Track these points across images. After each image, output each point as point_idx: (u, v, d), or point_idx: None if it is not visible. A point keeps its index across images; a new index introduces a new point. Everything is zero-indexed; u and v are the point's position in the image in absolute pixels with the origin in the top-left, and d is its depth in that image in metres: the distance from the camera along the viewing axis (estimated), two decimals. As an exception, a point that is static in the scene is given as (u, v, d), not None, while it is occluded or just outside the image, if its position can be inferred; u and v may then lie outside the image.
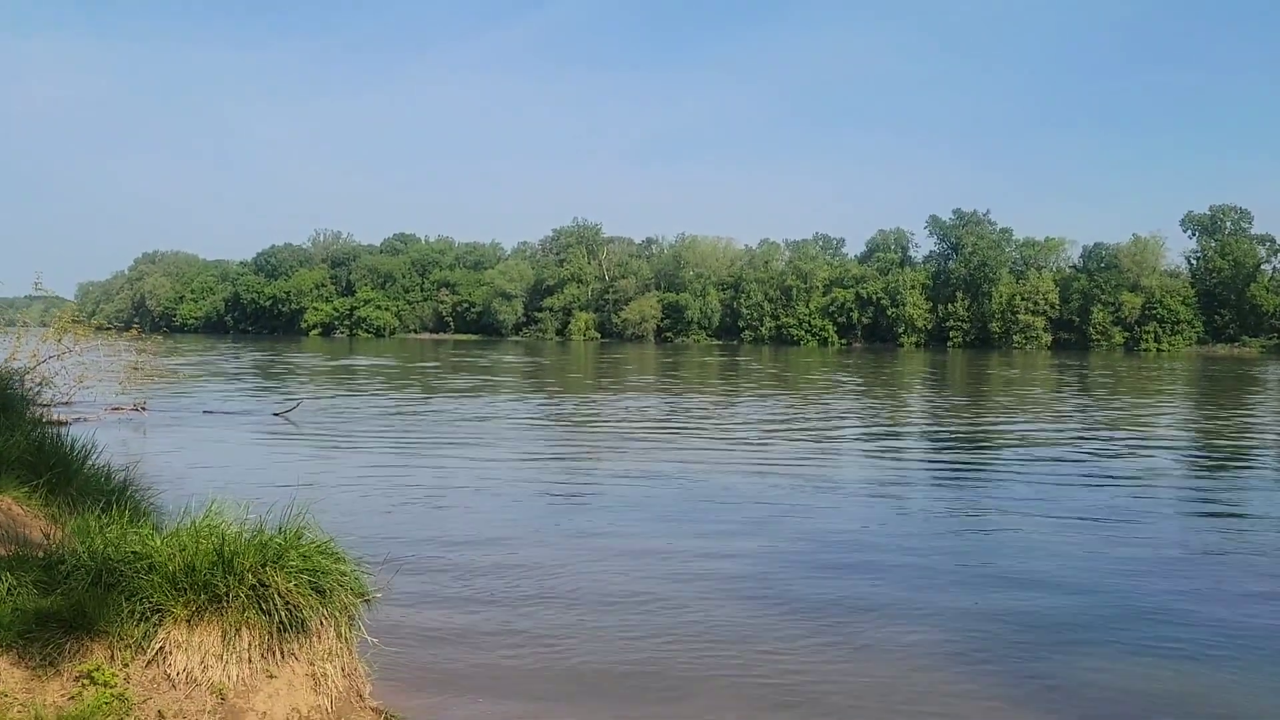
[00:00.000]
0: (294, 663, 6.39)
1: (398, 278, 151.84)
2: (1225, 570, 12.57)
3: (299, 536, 6.82)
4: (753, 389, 45.78)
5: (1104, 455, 23.99)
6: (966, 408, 37.47)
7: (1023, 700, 8.17)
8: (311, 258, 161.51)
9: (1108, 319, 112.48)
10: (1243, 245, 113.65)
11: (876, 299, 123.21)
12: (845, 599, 10.86)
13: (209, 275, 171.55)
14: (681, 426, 29.23)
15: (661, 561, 12.50)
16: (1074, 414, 35.13)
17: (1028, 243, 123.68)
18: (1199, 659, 9.13)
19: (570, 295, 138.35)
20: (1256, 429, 30.87)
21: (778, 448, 24.55)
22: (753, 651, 9.17)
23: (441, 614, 10.14)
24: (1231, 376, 60.86)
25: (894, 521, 15.56)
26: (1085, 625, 10.05)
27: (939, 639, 9.62)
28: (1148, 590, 11.42)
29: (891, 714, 7.82)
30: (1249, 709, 8.02)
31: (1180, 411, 37.02)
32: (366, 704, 6.90)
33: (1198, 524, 15.83)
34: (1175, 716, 7.83)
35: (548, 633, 9.49)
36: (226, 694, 6.01)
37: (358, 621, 7.05)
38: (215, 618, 6.16)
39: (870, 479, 20.05)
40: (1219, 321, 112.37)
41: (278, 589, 6.25)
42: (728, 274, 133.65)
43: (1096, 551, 13.37)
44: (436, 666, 8.59)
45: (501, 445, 23.91)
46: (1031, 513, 16.08)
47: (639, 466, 20.71)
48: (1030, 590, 11.33)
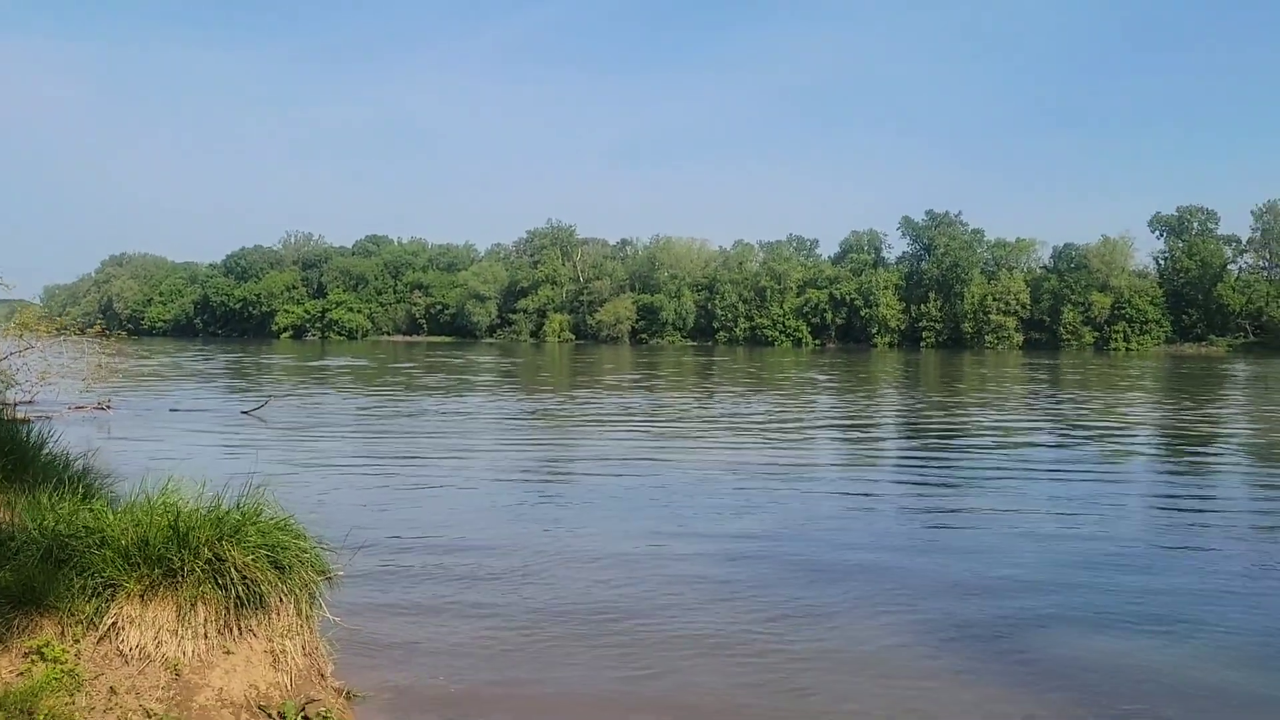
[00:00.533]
0: (252, 639, 6.25)
1: (370, 280, 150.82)
2: (1191, 556, 12.62)
3: (258, 513, 6.68)
4: (728, 388, 45.77)
5: (1074, 449, 24.14)
6: (940, 405, 37.63)
7: (995, 673, 8.14)
8: (282, 260, 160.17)
9: (1078, 319, 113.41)
10: (1209, 246, 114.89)
11: (850, 300, 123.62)
12: (818, 582, 10.82)
13: (177, 278, 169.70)
14: (656, 423, 29.14)
15: (634, 549, 12.40)
16: (1045, 410, 35.35)
17: (999, 243, 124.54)
18: (1166, 637, 9.14)
19: (544, 297, 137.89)
20: (1223, 423, 31.17)
21: (752, 442, 24.53)
22: (727, 631, 9.09)
23: (407, 598, 10.00)
24: (1199, 374, 61.49)
25: (868, 511, 15.57)
26: (1056, 606, 10.05)
27: (910, 618, 9.59)
28: (1117, 574, 11.44)
29: (865, 687, 7.76)
30: (1210, 681, 8.03)
31: (1149, 408, 37.33)
32: (328, 683, 6.76)
33: (1165, 513, 15.92)
34: (1142, 687, 7.82)
35: (516, 617, 9.37)
36: (181, 670, 5.86)
37: (319, 599, 6.91)
38: (170, 593, 6.01)
39: (845, 472, 20.06)
40: (1187, 321, 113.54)
41: (235, 564, 6.11)
42: (702, 275, 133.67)
43: (1067, 539, 13.42)
44: (401, 648, 8.44)
45: (475, 441, 23.74)
46: (1004, 503, 16.13)
47: (614, 460, 20.61)
48: (1002, 574, 11.33)
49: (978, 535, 13.52)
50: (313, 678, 6.59)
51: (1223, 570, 11.60)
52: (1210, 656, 8.61)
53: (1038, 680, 7.98)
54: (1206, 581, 11.10)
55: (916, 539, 13.39)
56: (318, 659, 6.79)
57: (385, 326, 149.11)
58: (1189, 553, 12.62)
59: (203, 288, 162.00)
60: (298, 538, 6.70)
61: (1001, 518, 14.71)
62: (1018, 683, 7.94)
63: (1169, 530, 14.14)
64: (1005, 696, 7.63)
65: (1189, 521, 14.87)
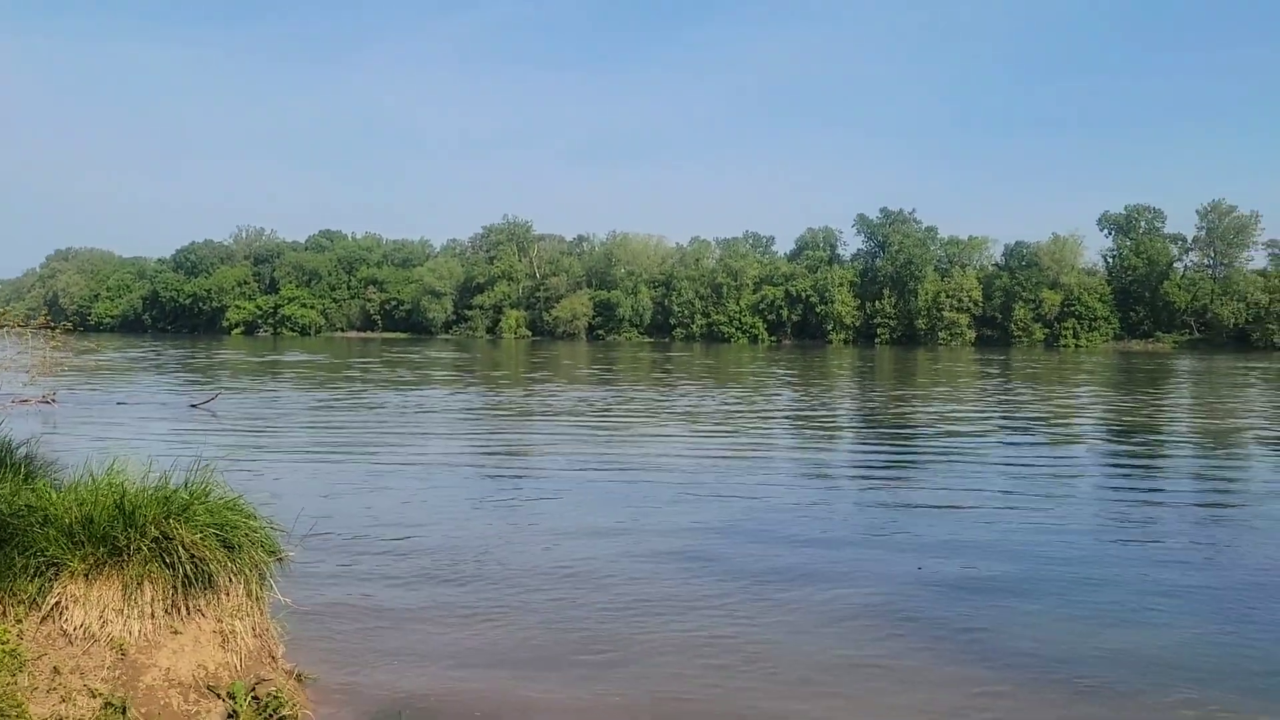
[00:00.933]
0: (200, 619, 6.15)
1: (324, 275, 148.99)
2: (1141, 540, 12.85)
3: (206, 493, 6.58)
4: (686, 383, 45.86)
5: (1026, 440, 24.48)
6: (895, 399, 37.99)
7: (954, 652, 8.23)
8: (233, 255, 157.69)
9: (1029, 315, 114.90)
10: (1156, 244, 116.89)
11: (806, 296, 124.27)
12: (778, 568, 10.87)
13: (125, 273, 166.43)
14: (615, 415, 29.11)
15: (592, 539, 12.39)
16: (998, 404, 35.81)
17: (952, 241, 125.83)
18: (1119, 616, 9.30)
19: (501, 293, 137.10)
20: (1169, 416, 31.78)
21: (710, 435, 24.59)
22: (687, 615, 9.11)
23: (362, 586, 9.90)
24: (1145, 370, 62.64)
25: (826, 500, 15.68)
26: (1012, 588, 10.19)
27: (868, 602, 9.67)
28: (1069, 557, 11.64)
29: (826, 669, 7.81)
30: (1164, 656, 8.18)
31: (1098, 401, 37.96)
32: (279, 664, 6.67)
33: (1116, 500, 16.20)
34: (1098, 663, 7.95)
35: (472, 606, 9.32)
36: (127, 650, 5.76)
37: (270, 580, 6.82)
38: (115, 571, 5.90)
39: (804, 462, 20.20)
40: (1134, 318, 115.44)
41: (182, 542, 6.01)
42: (659, 272, 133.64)
43: (1021, 525, 13.60)
44: (355, 634, 8.36)
45: (432, 435, 23.58)
46: (958, 493, 16.32)
47: (572, 453, 20.57)
48: (958, 559, 11.46)
49: (932, 523, 13.67)
50: (263, 659, 6.51)
51: (1171, 553, 11.84)
52: (1161, 633, 8.78)
53: (997, 657, 8.09)
54: (1156, 564, 11.32)
55: (873, 527, 13.51)
56: (268, 640, 6.71)
57: (339, 323, 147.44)
58: (1139, 537, 12.85)
59: (151, 283, 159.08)
60: (247, 517, 6.60)
61: (956, 506, 14.89)
62: (978, 660, 8.03)
63: (1119, 516, 14.37)
64: (965, 675, 7.72)
65: (1139, 508, 15.15)
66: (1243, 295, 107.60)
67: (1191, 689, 7.44)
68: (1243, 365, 67.10)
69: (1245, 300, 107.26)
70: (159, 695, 5.67)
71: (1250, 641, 8.56)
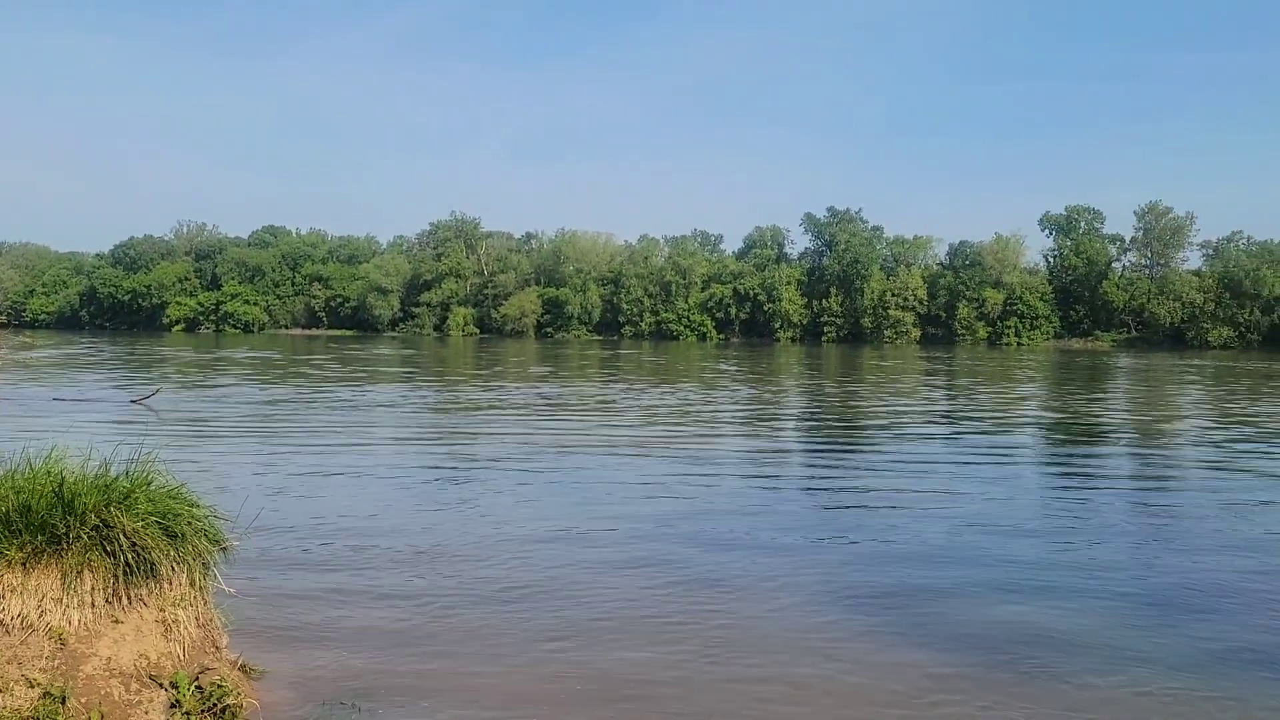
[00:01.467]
0: (142, 609, 6.05)
1: (267, 271, 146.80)
2: (1081, 528, 13.13)
3: (148, 481, 6.47)
4: (635, 379, 45.91)
5: (970, 433, 24.87)
6: (841, 395, 38.38)
7: (902, 637, 8.35)
8: (174, 250, 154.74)
9: (972, 314, 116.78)
10: (1095, 244, 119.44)
11: (753, 295, 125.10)
12: (729, 560, 10.92)
13: (61, 268, 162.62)
14: (564, 411, 29.07)
15: (540, 524, 12.37)
16: (943, 399, 36.34)
17: (898, 240, 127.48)
18: (1061, 602, 9.50)
19: (448, 290, 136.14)
20: (1107, 410, 32.48)
21: (660, 429, 24.65)
22: (638, 607, 9.12)
23: (309, 578, 9.80)
24: (1085, 366, 63.94)
25: (774, 492, 15.82)
26: (957, 576, 10.35)
27: (817, 591, 9.77)
28: (1013, 546, 11.86)
29: (775, 655, 7.88)
30: (1102, 639, 8.37)
31: (1040, 396, 38.67)
32: (224, 655, 6.58)
33: (1056, 490, 16.54)
34: (1041, 647, 8.12)
35: (422, 598, 9.25)
36: (67, 639, 5.65)
37: (213, 570, 6.73)
38: (54, 560, 5.78)
39: (752, 456, 20.33)
40: (1074, 316, 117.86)
41: (123, 530, 5.90)
42: (608, 269, 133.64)
43: (965, 515, 13.82)
44: (301, 626, 8.27)
45: (380, 430, 23.37)
46: (904, 484, 16.54)
47: (523, 447, 20.51)
48: (905, 548, 11.63)
49: (880, 513, 13.85)
50: (207, 648, 6.42)
51: (1110, 541, 12.12)
52: (1101, 617, 8.99)
53: (944, 642, 8.22)
54: (1095, 551, 11.58)
55: (821, 518, 13.65)
56: (212, 631, 6.61)
57: (283, 320, 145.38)
58: (1079, 525, 13.13)
59: (89, 279, 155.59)
60: (190, 506, 6.51)
61: (902, 496, 15.08)
62: (925, 645, 8.15)
63: (1060, 506, 14.67)
64: (914, 659, 7.83)
65: (1078, 497, 15.47)
66: (1178, 295, 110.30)
67: (1131, 668, 7.63)
68: (1179, 363, 68.78)
69: (1181, 300, 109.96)
70: (99, 685, 5.57)
71: (1181, 624, 8.80)
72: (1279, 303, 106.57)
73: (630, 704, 6.86)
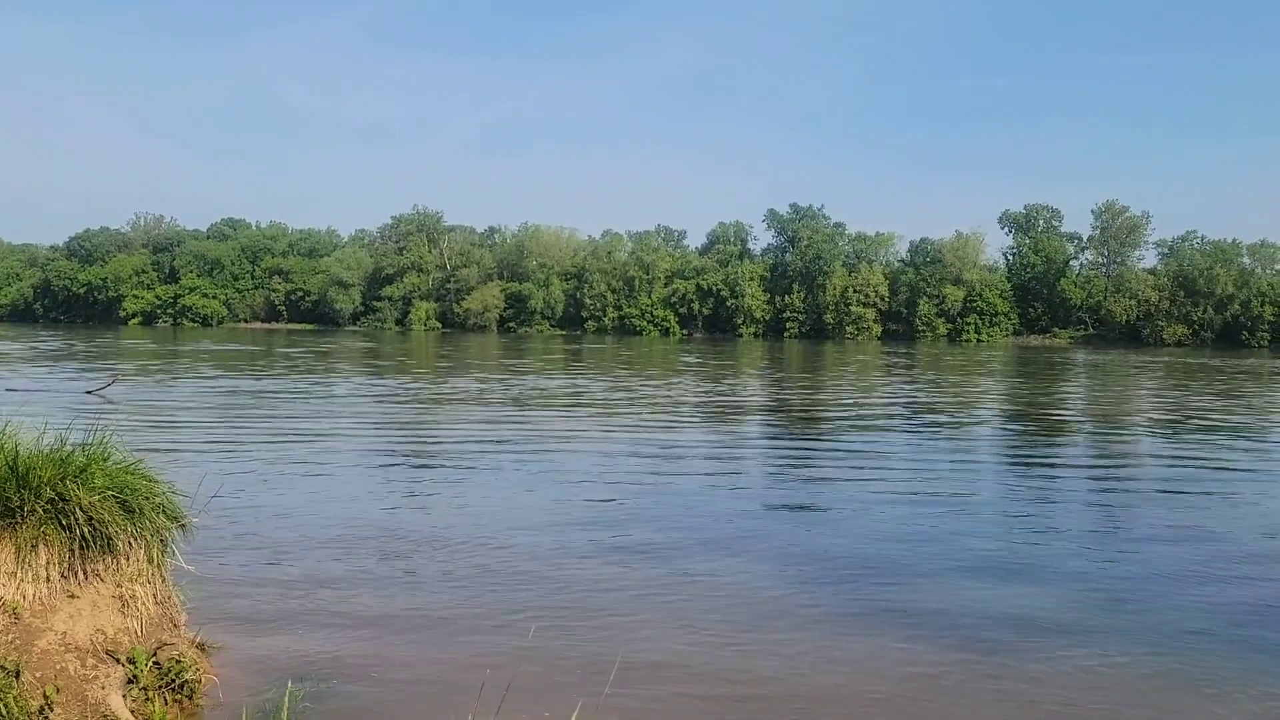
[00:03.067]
0: (99, 584, 5.99)
1: (226, 265, 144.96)
2: (1039, 515, 13.35)
3: (105, 456, 6.40)
4: (599, 373, 45.89)
5: (931, 426, 25.14)
6: (804, 388, 38.63)
7: (872, 617, 8.46)
8: (131, 243, 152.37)
9: (932, 311, 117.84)
10: (1054, 242, 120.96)
11: (717, 290, 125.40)
12: (699, 546, 10.95)
13: (14, 260, 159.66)
14: (528, 404, 29.03)
15: (498, 509, 12.38)
16: (904, 393, 36.68)
17: (859, 237, 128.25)
18: (1022, 584, 9.66)
19: (410, 284, 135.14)
20: (1064, 403, 32.97)
21: (625, 422, 24.69)
22: (588, 581, 9.15)
23: (266, 555, 9.75)
24: (1043, 362, 64.81)
25: (741, 484, 15.91)
26: (923, 561, 10.48)
27: (788, 575, 9.86)
28: (976, 534, 12.02)
29: (754, 637, 7.95)
30: (1057, 618, 8.53)
31: (999, 390, 39.16)
32: (182, 632, 6.53)
33: (1016, 479, 16.78)
34: (1002, 625, 8.26)
35: (385, 587, 9.21)
36: (21, 613, 5.58)
37: (172, 548, 6.67)
38: (8, 534, 5.71)
39: (716, 448, 20.42)
40: (1033, 314, 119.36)
41: (79, 504, 5.83)
42: (571, 264, 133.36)
43: (930, 504, 13.99)
44: (258, 602, 8.23)
45: (341, 423, 23.23)
46: (867, 474, 16.70)
47: (489, 441, 20.47)
48: (871, 534, 11.77)
49: (845, 501, 13.99)
50: (165, 626, 6.36)
51: (1066, 527, 12.33)
52: (1059, 598, 9.17)
53: (912, 622, 8.33)
54: (1053, 537, 11.78)
55: (787, 507, 13.76)
56: (170, 608, 6.56)
57: (242, 313, 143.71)
58: (1037, 513, 13.36)
59: (43, 271, 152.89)
60: (148, 481, 6.45)
61: (866, 486, 15.24)
62: (893, 624, 8.26)
63: (1019, 494, 14.90)
64: (885, 643, 7.93)
65: (1037, 486, 15.72)
66: (1134, 293, 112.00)
67: (1090, 645, 7.78)
68: (1134, 360, 69.91)
69: (1136, 298, 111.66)
70: (55, 659, 5.51)
71: (1141, 601, 8.99)
72: (1231, 301, 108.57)
73: (591, 678, 6.88)
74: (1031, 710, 6.59)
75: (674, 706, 6.58)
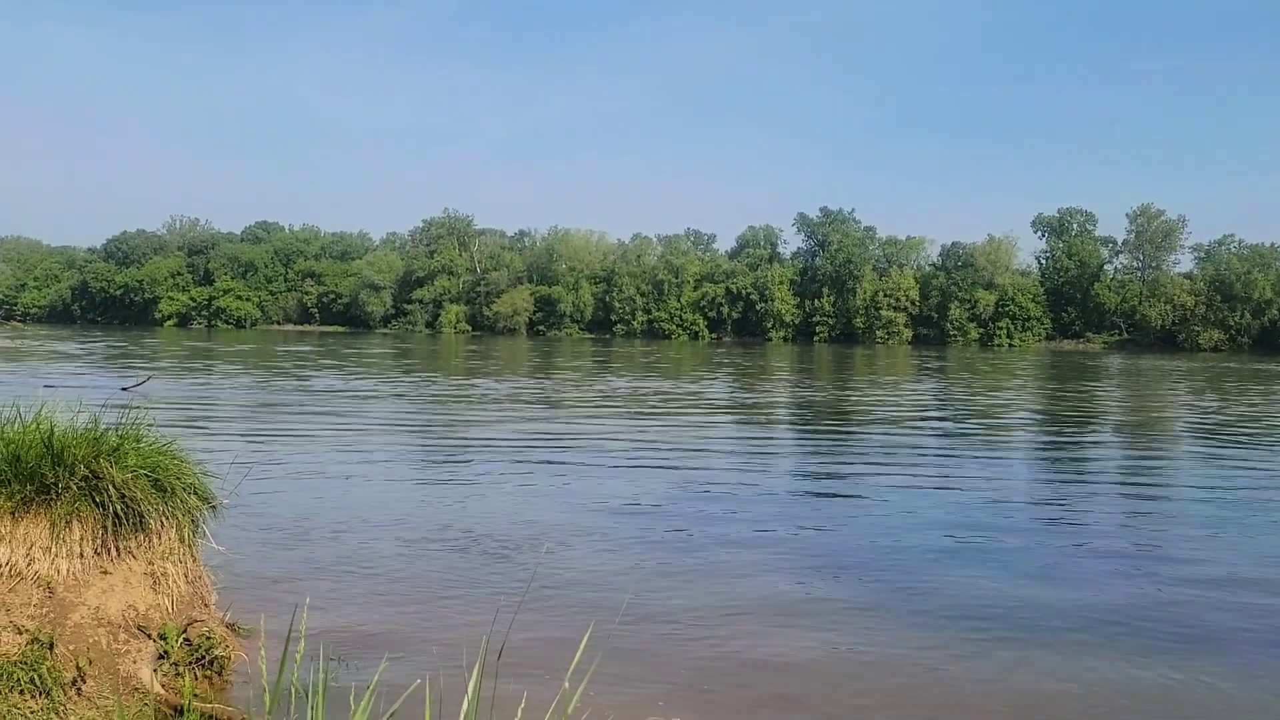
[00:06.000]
0: (131, 560, 6.07)
1: (259, 267, 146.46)
2: (1065, 516, 13.22)
3: (137, 437, 6.50)
4: (629, 376, 45.95)
5: (960, 430, 24.98)
6: (834, 392, 38.49)
7: (899, 609, 8.42)
8: (166, 245, 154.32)
9: (964, 315, 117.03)
10: (1088, 246, 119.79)
11: (746, 294, 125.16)
12: (723, 542, 10.93)
13: (53, 262, 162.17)
14: (558, 403, 29.12)
15: (530, 499, 12.42)
16: (934, 397, 36.46)
17: (890, 241, 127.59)
18: (1048, 585, 9.59)
19: (441, 287, 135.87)
20: (1096, 409, 32.64)
21: (652, 423, 24.72)
22: (608, 571, 9.16)
23: (296, 542, 9.84)
24: (1076, 367, 64.15)
25: (757, 479, 15.88)
26: (950, 560, 10.42)
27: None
28: (1003, 533, 11.95)
29: (783, 621, 7.95)
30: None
31: (1029, 395, 38.83)
32: (212, 611, 6.61)
33: (1044, 482, 16.65)
34: (1027, 618, 8.21)
35: (414, 576, 9.26)
36: (55, 588, 5.67)
37: (203, 528, 6.75)
38: (43, 509, 5.80)
39: (745, 446, 20.42)
40: (1066, 318, 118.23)
41: (112, 481, 5.92)
42: (600, 267, 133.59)
43: (957, 505, 13.92)
44: (287, 587, 8.29)
45: (372, 421, 23.39)
46: (896, 476, 16.64)
47: (510, 436, 20.55)
48: (899, 530, 11.71)
49: (871, 502, 13.93)
50: (196, 604, 6.44)
51: (1092, 528, 12.22)
52: (1085, 600, 9.07)
53: (939, 612, 8.28)
54: (1079, 537, 11.68)
55: (813, 507, 13.73)
56: (201, 587, 6.64)
57: (275, 315, 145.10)
58: (1063, 514, 13.25)
59: (81, 273, 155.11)
60: (179, 461, 6.53)
61: (895, 488, 15.17)
62: (921, 615, 8.22)
63: (1047, 496, 14.78)
64: (914, 632, 7.89)
65: (1063, 488, 15.59)
66: (1169, 298, 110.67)
67: (1112, 635, 7.71)
68: (1169, 365, 69.06)
69: (1172, 302, 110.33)
70: (87, 633, 5.59)
71: (1169, 600, 8.89)
72: (1269, 306, 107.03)
73: (618, 661, 6.89)
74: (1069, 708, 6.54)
75: (704, 696, 6.58)
